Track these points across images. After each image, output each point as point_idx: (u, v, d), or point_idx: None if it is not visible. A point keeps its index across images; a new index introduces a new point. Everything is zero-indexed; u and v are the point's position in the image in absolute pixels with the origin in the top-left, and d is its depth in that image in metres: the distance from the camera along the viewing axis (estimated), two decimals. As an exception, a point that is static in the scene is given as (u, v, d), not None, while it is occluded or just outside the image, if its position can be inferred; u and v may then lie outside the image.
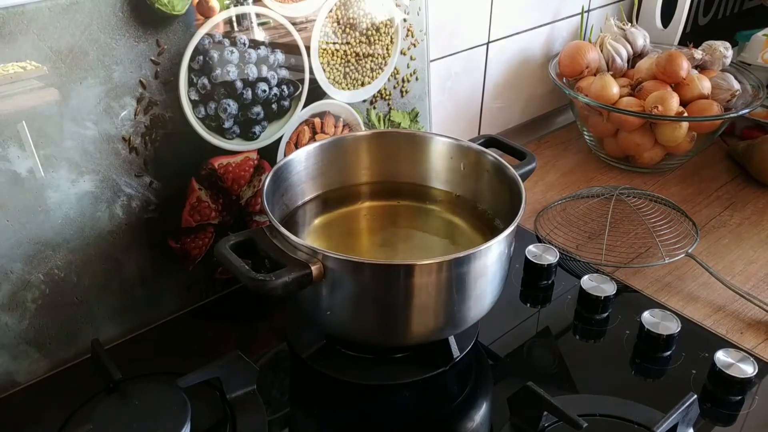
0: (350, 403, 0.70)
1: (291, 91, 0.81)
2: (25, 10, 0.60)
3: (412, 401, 0.70)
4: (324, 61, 0.83)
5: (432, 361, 0.72)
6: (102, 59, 0.66)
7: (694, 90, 1.06)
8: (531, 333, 0.79)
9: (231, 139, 0.78)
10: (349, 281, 0.62)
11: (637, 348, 0.76)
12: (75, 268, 0.70)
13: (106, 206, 0.71)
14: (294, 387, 0.72)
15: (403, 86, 0.94)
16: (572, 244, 0.93)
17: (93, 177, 0.69)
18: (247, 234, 0.64)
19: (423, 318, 0.65)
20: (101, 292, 0.73)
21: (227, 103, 0.75)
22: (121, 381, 0.65)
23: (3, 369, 0.69)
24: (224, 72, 0.74)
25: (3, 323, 0.67)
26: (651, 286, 0.86)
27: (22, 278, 0.67)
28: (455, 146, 0.80)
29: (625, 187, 1.01)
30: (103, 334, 0.74)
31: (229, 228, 0.81)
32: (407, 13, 0.90)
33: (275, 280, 0.58)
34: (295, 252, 0.62)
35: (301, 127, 0.84)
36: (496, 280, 0.67)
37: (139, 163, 0.71)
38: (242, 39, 0.74)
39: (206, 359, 0.66)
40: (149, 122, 0.71)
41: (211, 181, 0.78)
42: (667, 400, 0.65)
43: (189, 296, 0.81)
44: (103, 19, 0.64)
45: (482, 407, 0.71)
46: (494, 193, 0.77)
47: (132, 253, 0.74)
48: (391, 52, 0.90)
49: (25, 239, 0.66)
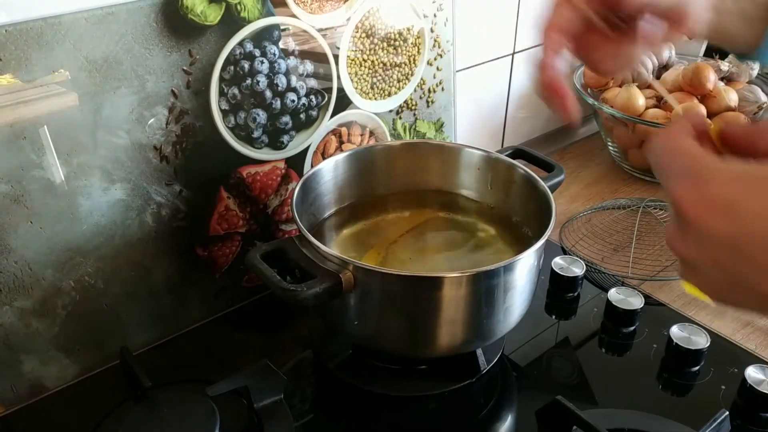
0: (376, 414, 0.70)
1: (319, 100, 0.81)
2: (62, 20, 0.61)
3: (438, 413, 0.69)
4: (352, 71, 0.83)
5: (458, 373, 0.71)
6: (135, 69, 0.66)
7: (720, 102, 1.06)
8: (556, 345, 0.78)
9: (260, 148, 0.78)
10: (378, 292, 0.62)
11: (664, 362, 0.75)
12: (104, 275, 0.71)
13: (137, 214, 0.71)
14: (319, 396, 0.72)
15: (429, 96, 0.94)
16: (597, 256, 0.93)
17: (124, 185, 0.69)
18: (277, 244, 0.65)
19: (451, 330, 0.65)
20: (130, 299, 0.74)
21: (256, 113, 0.76)
22: (149, 388, 0.66)
23: (32, 374, 0.69)
24: (254, 82, 0.74)
25: (34, 329, 0.68)
26: (678, 300, 0.86)
27: (54, 285, 0.68)
28: (484, 157, 0.80)
29: (651, 199, 1.01)
30: (131, 340, 0.75)
31: (256, 237, 0.82)
32: (434, 24, 0.91)
33: (307, 290, 0.58)
34: (324, 262, 0.62)
35: (328, 137, 0.85)
36: (525, 293, 0.67)
37: (169, 171, 0.72)
38: (272, 49, 0.75)
39: (232, 367, 0.66)
40: (180, 131, 0.71)
41: (239, 190, 0.78)
42: (697, 417, 0.65)
43: (216, 304, 0.81)
44: (138, 29, 0.65)
45: (508, 420, 0.70)
46: (523, 205, 0.77)
47: (160, 260, 0.75)
48: (417, 62, 0.91)
49: (57, 246, 0.67)
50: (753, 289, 0.34)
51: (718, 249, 0.33)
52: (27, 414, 0.69)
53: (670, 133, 0.37)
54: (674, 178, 0.35)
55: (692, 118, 0.38)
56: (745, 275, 0.33)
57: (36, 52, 0.60)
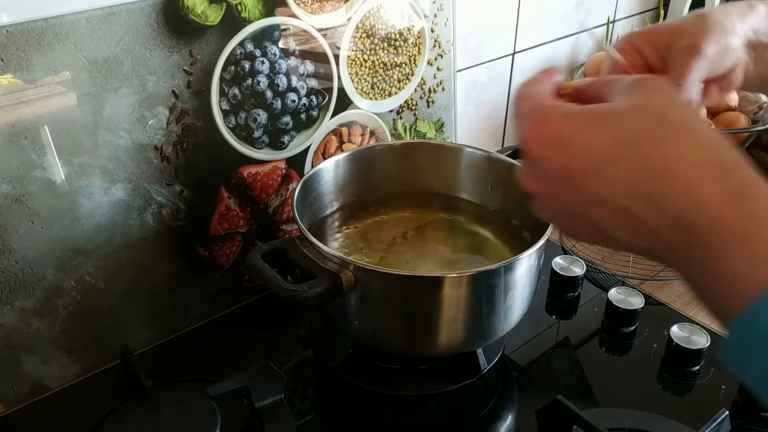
0: (376, 414, 0.70)
1: (319, 100, 0.82)
2: (64, 20, 0.61)
3: (438, 412, 0.69)
4: (352, 71, 0.84)
5: (459, 372, 0.71)
6: (136, 69, 0.66)
7: (721, 102, 1.06)
8: (556, 345, 0.79)
9: (260, 148, 0.78)
10: (379, 292, 0.62)
11: (664, 362, 0.75)
12: (105, 275, 0.71)
13: (137, 214, 0.71)
14: (320, 396, 0.72)
15: (430, 96, 0.94)
16: (598, 255, 0.93)
17: (125, 185, 0.69)
18: (277, 244, 0.65)
19: (452, 330, 0.65)
20: (130, 299, 0.74)
21: (257, 113, 0.76)
22: (150, 388, 0.66)
23: (34, 374, 0.69)
24: (255, 82, 0.74)
25: (35, 329, 0.68)
26: (678, 300, 0.86)
27: (55, 284, 0.68)
28: (484, 157, 0.80)
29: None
30: (132, 340, 0.75)
31: (257, 236, 0.82)
32: (435, 24, 0.91)
33: (307, 290, 0.58)
34: (325, 262, 0.62)
35: (329, 137, 0.85)
36: (525, 293, 0.67)
37: (170, 171, 0.72)
38: (273, 49, 0.75)
39: (233, 367, 0.67)
40: (181, 131, 0.71)
41: (239, 190, 0.78)
42: (697, 416, 0.65)
43: (216, 304, 0.81)
44: (139, 29, 0.65)
45: (508, 419, 0.70)
46: (523, 205, 0.77)
47: (161, 260, 0.75)
48: (418, 62, 0.91)
49: (58, 246, 0.67)
50: (585, 217, 0.37)
51: (555, 181, 0.37)
52: (28, 413, 0.69)
53: (526, 85, 0.41)
54: (522, 120, 0.39)
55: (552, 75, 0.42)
56: (577, 205, 0.37)
57: (37, 53, 0.60)
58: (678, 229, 0.32)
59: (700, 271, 0.33)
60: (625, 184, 0.34)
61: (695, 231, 0.32)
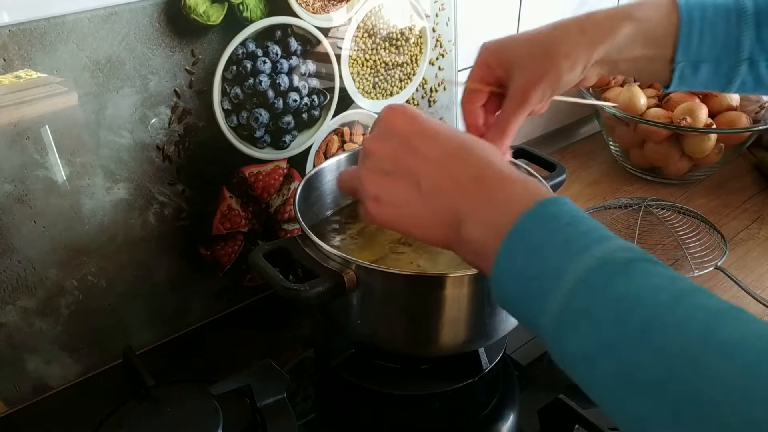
0: (378, 413, 0.70)
1: (321, 100, 0.82)
2: (66, 20, 0.61)
3: (440, 412, 0.70)
4: (354, 71, 0.84)
5: (460, 372, 0.71)
6: (138, 69, 0.66)
7: (722, 101, 1.06)
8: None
9: (262, 148, 0.78)
10: (381, 291, 0.62)
11: (666, 361, 0.75)
12: (107, 275, 0.71)
13: (139, 214, 0.71)
14: (322, 395, 0.72)
15: (431, 96, 0.94)
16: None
17: (127, 185, 0.69)
18: (279, 243, 0.65)
19: (454, 329, 0.65)
20: (132, 299, 0.74)
21: (259, 113, 0.76)
22: (152, 387, 0.66)
23: (36, 373, 0.69)
24: (257, 81, 0.75)
25: (37, 328, 0.68)
26: (679, 299, 0.86)
27: (57, 284, 0.68)
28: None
29: (653, 199, 1.01)
30: (134, 339, 0.75)
31: (258, 236, 0.82)
32: (436, 24, 0.91)
33: (309, 289, 0.58)
34: (327, 261, 0.62)
35: (330, 137, 0.85)
36: (527, 292, 0.67)
37: (172, 171, 0.72)
38: (275, 49, 0.75)
39: (235, 366, 0.67)
40: (183, 131, 0.71)
41: (241, 190, 0.78)
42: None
43: (218, 303, 0.81)
44: (141, 29, 0.65)
45: (510, 419, 0.70)
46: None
47: (163, 260, 0.75)
48: (419, 62, 0.91)
49: (60, 246, 0.67)
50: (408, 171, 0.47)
51: (397, 139, 0.48)
52: (30, 413, 0.69)
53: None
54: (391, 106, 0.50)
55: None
56: (407, 159, 0.47)
57: (39, 52, 0.60)
58: (475, 179, 0.45)
59: (487, 205, 0.44)
60: (450, 148, 0.47)
61: (488, 178, 0.45)
